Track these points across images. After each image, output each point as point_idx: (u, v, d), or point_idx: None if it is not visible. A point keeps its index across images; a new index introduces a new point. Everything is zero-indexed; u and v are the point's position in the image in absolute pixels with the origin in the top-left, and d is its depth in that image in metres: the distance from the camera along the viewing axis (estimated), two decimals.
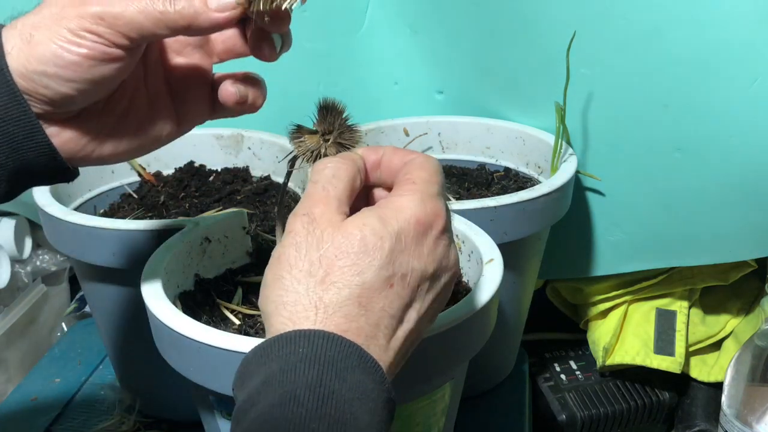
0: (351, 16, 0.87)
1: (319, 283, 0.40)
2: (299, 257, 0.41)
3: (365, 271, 0.40)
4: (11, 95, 0.42)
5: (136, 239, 0.66)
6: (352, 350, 0.39)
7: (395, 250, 0.41)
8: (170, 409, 0.79)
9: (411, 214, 0.42)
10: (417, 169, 0.44)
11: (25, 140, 0.43)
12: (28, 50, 0.41)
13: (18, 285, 1.05)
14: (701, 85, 0.71)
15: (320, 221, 0.41)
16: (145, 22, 0.42)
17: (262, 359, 0.39)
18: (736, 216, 0.76)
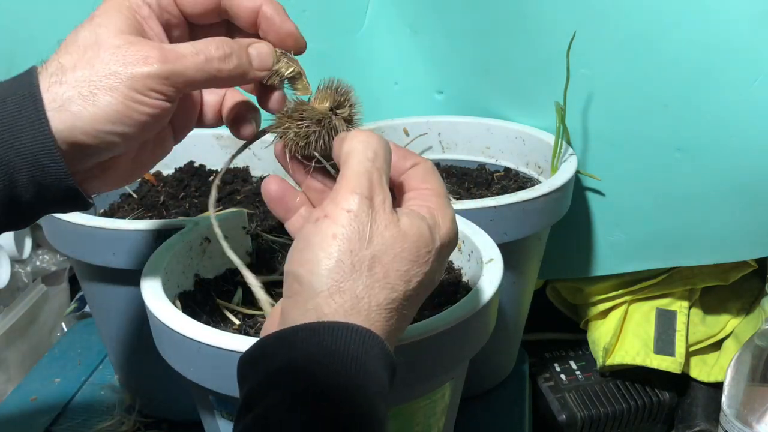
0: (351, 16, 0.87)
1: (376, 281, 0.41)
2: (361, 246, 0.41)
3: (411, 280, 0.42)
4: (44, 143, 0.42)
5: (136, 239, 0.66)
6: (387, 354, 0.41)
7: (435, 267, 0.43)
8: (170, 409, 0.79)
9: (446, 233, 0.44)
10: (433, 179, 0.46)
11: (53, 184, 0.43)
12: (93, 110, 0.42)
13: (18, 285, 1.05)
14: (701, 85, 0.71)
15: (380, 212, 0.42)
16: (201, 79, 0.44)
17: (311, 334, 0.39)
18: (736, 216, 0.76)
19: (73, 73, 0.42)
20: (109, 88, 0.42)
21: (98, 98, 0.42)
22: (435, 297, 0.61)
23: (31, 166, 0.42)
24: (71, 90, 0.42)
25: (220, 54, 0.45)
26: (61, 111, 0.42)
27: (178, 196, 0.81)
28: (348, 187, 0.42)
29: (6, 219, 0.44)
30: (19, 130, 0.42)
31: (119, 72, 0.42)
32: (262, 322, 0.60)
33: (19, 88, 0.43)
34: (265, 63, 0.47)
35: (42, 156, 0.42)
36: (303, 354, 0.39)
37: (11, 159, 0.42)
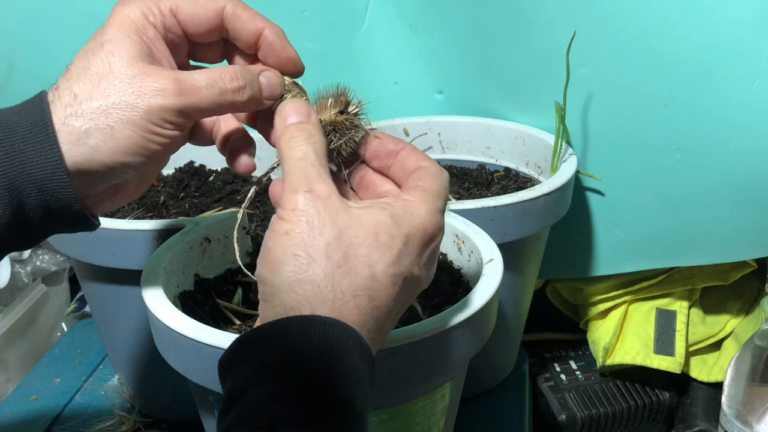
0: (351, 16, 0.87)
1: (336, 266, 0.40)
2: (314, 236, 0.41)
3: (375, 264, 0.41)
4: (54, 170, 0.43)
5: (136, 239, 0.66)
6: (363, 346, 0.40)
7: (402, 253, 0.42)
8: (170, 409, 0.79)
9: (420, 222, 0.43)
10: (429, 178, 0.45)
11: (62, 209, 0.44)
12: (112, 143, 0.43)
13: (18, 285, 1.05)
14: (701, 85, 0.71)
15: (328, 202, 0.42)
16: (215, 110, 0.46)
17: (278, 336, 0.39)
18: (736, 216, 0.76)
19: (89, 103, 0.43)
20: (126, 122, 0.43)
21: (116, 131, 0.43)
22: (435, 297, 0.61)
23: (40, 191, 0.43)
24: (88, 122, 0.43)
25: (235, 86, 0.46)
26: (79, 144, 0.43)
27: (178, 196, 0.82)
28: (288, 188, 0.42)
29: (13, 240, 0.44)
30: (29, 156, 0.42)
31: (136, 104, 0.43)
32: None
33: (30, 114, 0.43)
34: (274, 92, 0.48)
35: (51, 182, 0.43)
36: (271, 353, 0.39)
37: (21, 184, 0.42)
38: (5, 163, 0.42)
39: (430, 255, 0.44)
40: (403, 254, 0.42)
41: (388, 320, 0.43)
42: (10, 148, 0.42)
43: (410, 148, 0.48)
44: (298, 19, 0.84)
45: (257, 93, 0.47)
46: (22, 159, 0.42)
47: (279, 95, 0.48)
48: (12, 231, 0.44)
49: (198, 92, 0.44)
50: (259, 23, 0.48)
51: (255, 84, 0.47)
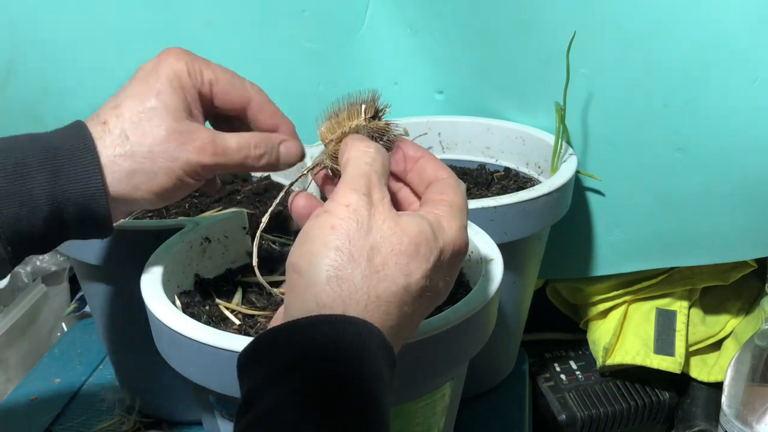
0: (351, 16, 0.87)
1: (375, 271, 0.41)
2: (360, 235, 0.41)
3: (412, 274, 0.42)
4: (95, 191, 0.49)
5: (136, 239, 0.66)
6: (388, 351, 0.41)
7: (436, 266, 0.43)
8: (170, 409, 0.79)
9: (453, 238, 0.44)
10: (452, 192, 0.46)
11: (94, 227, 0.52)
12: (153, 185, 0.51)
13: (18, 285, 1.05)
14: (701, 85, 0.71)
15: (379, 207, 0.42)
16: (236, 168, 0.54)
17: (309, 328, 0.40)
18: (736, 216, 0.76)
19: (139, 148, 0.50)
20: (166, 170, 0.51)
21: (158, 178, 0.51)
22: None
23: (80, 208, 0.49)
24: (136, 165, 0.50)
25: (257, 154, 0.54)
26: (122, 182, 0.50)
27: None
28: (347, 186, 0.43)
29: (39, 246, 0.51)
30: (74, 178, 0.48)
31: (179, 158, 0.51)
32: (262, 322, 0.60)
33: (72, 138, 0.49)
34: (291, 161, 0.56)
35: (93, 203, 0.49)
36: (299, 350, 0.39)
37: (63, 201, 0.49)
38: (51, 180, 0.48)
39: (455, 270, 0.45)
40: (436, 268, 0.43)
41: (410, 327, 0.44)
42: (56, 167, 0.48)
43: (430, 157, 0.49)
44: (298, 19, 0.84)
45: (274, 160, 0.55)
46: (67, 179, 0.48)
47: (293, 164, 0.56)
48: (42, 239, 0.50)
49: (227, 155, 0.52)
50: (278, 120, 0.56)
51: (274, 153, 0.55)
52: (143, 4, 0.80)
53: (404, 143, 0.50)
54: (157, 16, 0.81)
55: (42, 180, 0.47)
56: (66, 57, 0.80)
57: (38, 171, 0.47)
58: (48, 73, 0.81)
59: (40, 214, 0.48)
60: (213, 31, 0.83)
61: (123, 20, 0.80)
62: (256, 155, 0.53)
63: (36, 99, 0.83)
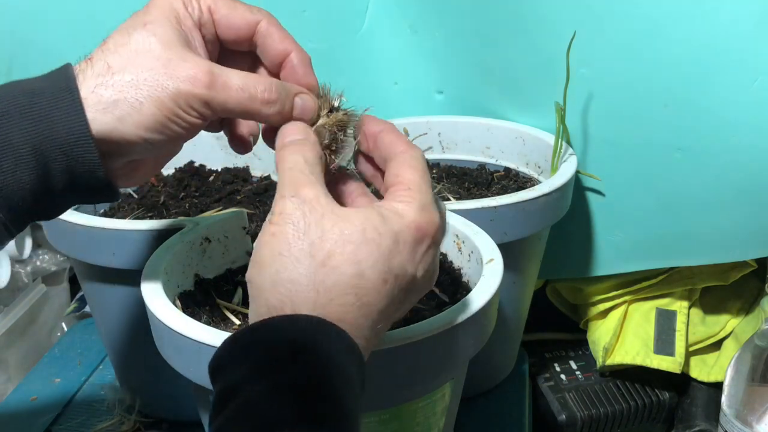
0: (351, 16, 0.87)
1: (320, 265, 0.40)
2: (298, 236, 0.41)
3: (363, 261, 0.41)
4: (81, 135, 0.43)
5: (136, 239, 0.66)
6: (349, 344, 0.40)
7: (393, 251, 0.42)
8: (170, 409, 0.79)
9: (411, 220, 0.43)
10: (407, 170, 0.45)
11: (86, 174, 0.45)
12: (139, 117, 0.44)
13: (18, 285, 1.05)
14: (701, 85, 0.71)
15: (315, 204, 0.42)
16: (240, 112, 0.46)
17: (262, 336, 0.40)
18: (736, 216, 0.76)
19: (121, 76, 0.44)
20: (154, 99, 0.44)
21: (144, 107, 0.44)
22: (435, 297, 0.61)
23: (66, 155, 0.44)
24: (117, 94, 0.44)
25: (265, 98, 0.46)
26: (105, 113, 0.44)
27: (178, 196, 0.81)
28: (277, 195, 0.43)
29: (36, 207, 0.45)
30: (55, 121, 0.43)
31: (167, 86, 0.44)
32: None
33: (55, 81, 0.44)
34: (306, 116, 0.48)
35: (77, 146, 0.43)
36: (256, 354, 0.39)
37: (47, 148, 0.43)
38: (31, 128, 0.43)
39: (426, 253, 0.43)
40: (393, 252, 0.42)
41: (382, 319, 0.43)
42: (36, 113, 0.43)
43: (388, 129, 0.48)
44: (298, 19, 0.84)
45: (287, 111, 0.47)
46: (48, 124, 0.43)
47: (310, 119, 0.49)
48: (36, 197, 0.44)
49: (228, 91, 0.45)
50: (289, 45, 0.49)
51: (287, 102, 0.47)
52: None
53: (367, 120, 0.49)
54: None
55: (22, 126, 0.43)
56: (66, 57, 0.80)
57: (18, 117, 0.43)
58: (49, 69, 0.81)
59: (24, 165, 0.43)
60: None
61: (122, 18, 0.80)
62: (264, 99, 0.46)
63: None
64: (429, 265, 0.44)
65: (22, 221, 0.46)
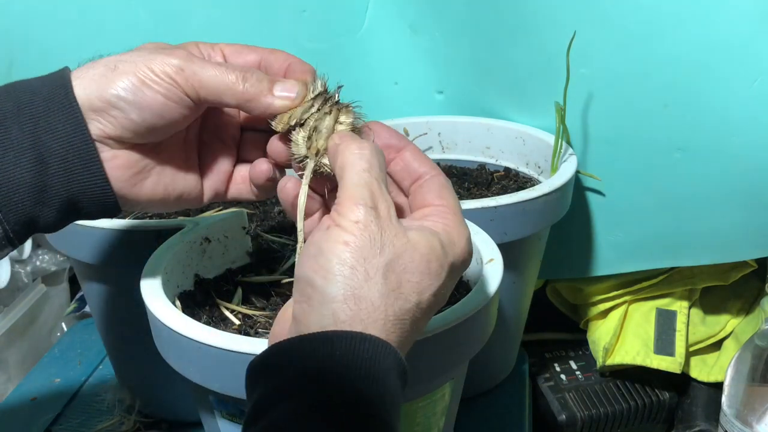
0: (351, 16, 0.87)
1: (391, 290, 0.41)
2: (374, 253, 0.40)
3: (423, 292, 0.42)
4: (76, 125, 0.46)
5: (136, 239, 0.66)
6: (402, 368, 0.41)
7: (446, 283, 0.43)
8: (170, 409, 0.79)
9: (461, 252, 0.44)
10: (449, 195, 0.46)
11: (82, 169, 0.46)
12: (112, 76, 0.46)
13: (18, 285, 1.05)
14: (701, 85, 0.71)
15: (387, 222, 0.42)
16: (216, 86, 0.47)
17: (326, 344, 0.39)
18: (736, 216, 0.76)
19: (106, 59, 0.47)
20: (129, 63, 0.46)
21: (117, 68, 0.46)
22: None
23: (62, 148, 0.45)
24: (99, 66, 0.46)
25: (240, 73, 0.48)
26: (82, 80, 0.46)
27: None
28: (351, 198, 0.42)
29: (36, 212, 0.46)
30: (52, 116, 0.45)
31: (144, 55, 0.46)
32: (261, 322, 0.60)
33: (52, 80, 0.46)
34: (290, 91, 0.49)
35: (73, 137, 0.45)
36: (317, 364, 0.38)
37: (44, 143, 0.45)
38: (30, 126, 0.45)
39: (458, 278, 0.45)
40: (446, 284, 0.43)
41: (415, 339, 0.44)
42: (34, 110, 0.45)
43: (413, 148, 0.48)
44: (298, 19, 0.84)
45: (264, 89, 0.48)
46: (46, 119, 0.45)
47: (294, 97, 0.49)
48: (35, 198, 0.45)
49: (203, 63, 0.47)
50: (290, 59, 0.51)
51: (264, 81, 0.48)
52: (143, 4, 0.80)
53: (383, 130, 0.49)
54: (157, 16, 0.81)
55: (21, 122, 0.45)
56: (66, 57, 0.80)
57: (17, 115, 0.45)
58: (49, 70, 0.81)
59: (25, 161, 0.44)
60: (213, 31, 0.83)
61: (123, 19, 0.80)
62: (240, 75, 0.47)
63: None
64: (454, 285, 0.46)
65: (21, 228, 0.46)
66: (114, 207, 0.49)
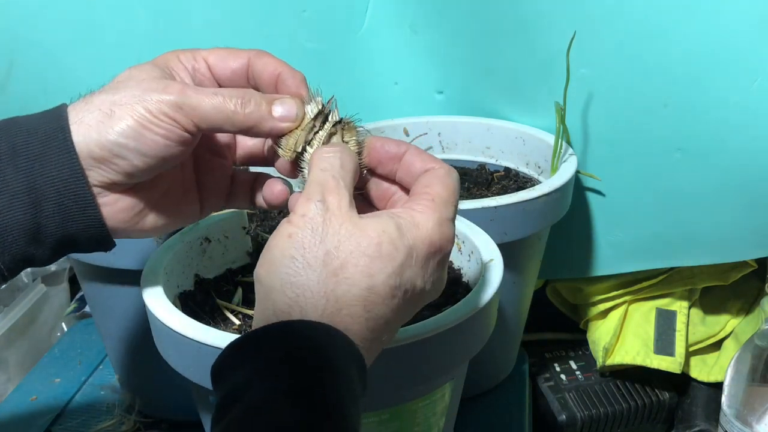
0: (351, 16, 0.87)
1: (332, 274, 0.40)
2: (315, 242, 0.41)
3: (375, 276, 0.41)
4: (72, 170, 0.45)
5: (136, 239, 0.66)
6: (355, 353, 0.40)
7: (405, 264, 0.42)
8: (170, 409, 0.79)
9: (426, 234, 0.43)
10: (438, 184, 0.45)
11: (78, 213, 0.46)
12: (109, 123, 0.44)
13: (18, 285, 1.05)
14: (701, 85, 0.71)
15: (336, 212, 0.42)
16: (216, 117, 0.46)
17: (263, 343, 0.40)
18: (736, 216, 0.76)
19: (99, 96, 0.46)
20: (126, 107, 0.45)
21: (114, 114, 0.45)
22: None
23: (58, 192, 0.45)
24: (94, 108, 0.45)
25: (238, 99, 0.46)
26: (80, 125, 0.45)
27: None
28: (303, 195, 0.43)
29: (30, 251, 0.46)
30: (49, 160, 0.44)
31: (138, 95, 0.45)
32: None
33: (49, 120, 0.45)
34: (289, 113, 0.48)
35: (69, 182, 0.45)
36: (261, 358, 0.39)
37: (40, 186, 0.44)
38: (26, 166, 0.44)
39: (437, 267, 0.44)
40: (405, 266, 0.42)
41: (387, 330, 0.43)
42: (30, 152, 0.44)
43: (414, 150, 0.48)
44: (298, 19, 0.84)
45: (264, 112, 0.47)
46: (42, 162, 0.44)
47: (293, 118, 0.48)
48: (29, 238, 0.45)
49: (200, 94, 0.46)
50: (280, 66, 0.50)
51: (263, 104, 0.47)
52: (143, 4, 0.80)
53: (385, 141, 0.49)
54: (157, 16, 0.81)
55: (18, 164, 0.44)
56: (66, 57, 0.80)
57: (13, 156, 0.44)
58: (48, 73, 0.81)
59: (19, 203, 0.44)
60: (213, 32, 0.83)
61: (123, 20, 0.80)
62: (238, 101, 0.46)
63: (36, 99, 0.83)
64: (438, 277, 0.45)
65: (15, 265, 0.46)
66: (110, 243, 0.49)
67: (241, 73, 0.50)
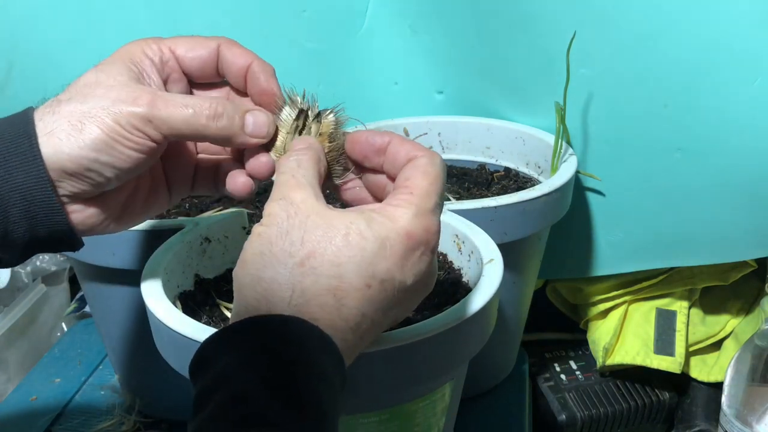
0: (351, 16, 0.87)
1: (298, 265, 0.41)
2: (281, 236, 0.41)
3: (343, 264, 0.41)
4: (38, 178, 0.44)
5: (136, 239, 0.66)
6: (325, 342, 0.40)
7: (377, 255, 0.41)
8: (170, 409, 0.79)
9: (402, 226, 0.42)
10: (419, 176, 0.44)
11: (46, 220, 0.46)
12: (80, 137, 0.44)
13: (18, 285, 1.05)
14: (701, 85, 0.71)
15: (302, 206, 0.42)
16: (186, 130, 0.46)
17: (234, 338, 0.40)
18: (736, 216, 0.76)
19: (67, 105, 0.45)
20: (94, 120, 0.44)
21: (85, 127, 0.44)
22: (434, 297, 0.61)
23: (24, 200, 0.44)
24: (62, 120, 0.44)
25: (210, 112, 0.46)
26: (50, 137, 0.44)
27: None
28: (270, 198, 0.44)
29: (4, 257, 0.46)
30: (14, 166, 0.44)
31: (107, 107, 0.44)
32: None
33: (15, 125, 0.45)
34: (260, 131, 0.48)
35: (35, 190, 0.44)
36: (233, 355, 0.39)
37: (5, 193, 0.44)
38: None
39: (419, 260, 0.43)
40: (377, 257, 0.41)
41: (366, 322, 0.42)
42: None
43: (397, 140, 0.47)
44: (298, 19, 0.84)
45: (236, 126, 0.47)
46: (7, 168, 0.44)
47: (264, 135, 0.48)
48: None
49: (170, 107, 0.45)
50: (249, 57, 0.49)
51: (236, 117, 0.47)
52: (143, 4, 0.80)
53: (366, 135, 0.48)
54: (157, 16, 0.81)
55: None
56: (66, 58, 0.80)
57: None
58: (48, 73, 0.81)
59: None
60: (213, 32, 0.82)
61: (122, 20, 0.80)
62: (209, 114, 0.46)
63: (36, 99, 0.83)
64: (422, 272, 0.44)
65: None
66: (79, 244, 0.49)
67: (211, 64, 0.50)
